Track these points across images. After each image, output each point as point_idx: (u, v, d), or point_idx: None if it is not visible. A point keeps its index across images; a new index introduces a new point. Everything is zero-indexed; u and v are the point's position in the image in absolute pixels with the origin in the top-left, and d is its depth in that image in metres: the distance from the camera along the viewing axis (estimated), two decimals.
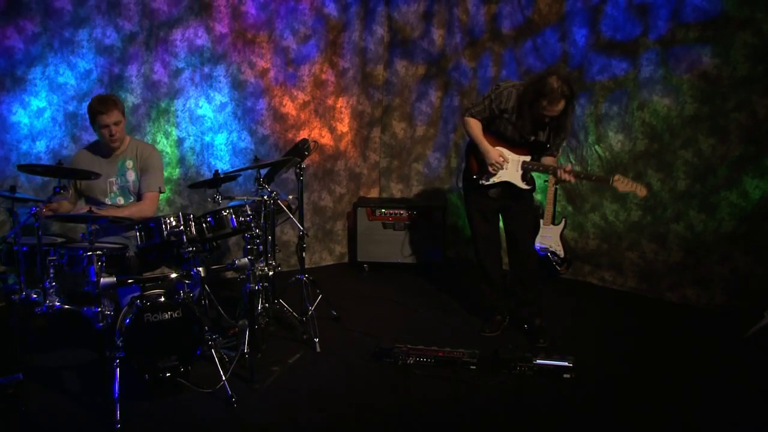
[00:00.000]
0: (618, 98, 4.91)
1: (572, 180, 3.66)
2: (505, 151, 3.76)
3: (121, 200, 3.89)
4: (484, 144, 3.76)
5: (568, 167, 3.65)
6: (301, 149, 4.35)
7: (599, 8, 4.90)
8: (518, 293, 4.01)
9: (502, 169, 3.75)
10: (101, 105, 3.68)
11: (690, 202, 4.62)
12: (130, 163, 3.91)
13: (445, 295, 4.95)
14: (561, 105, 3.47)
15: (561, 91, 3.42)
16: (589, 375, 3.41)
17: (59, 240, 3.54)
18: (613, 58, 4.88)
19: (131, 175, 3.91)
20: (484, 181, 3.83)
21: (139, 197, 3.93)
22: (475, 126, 3.80)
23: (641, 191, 3.60)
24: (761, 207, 4.29)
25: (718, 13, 4.30)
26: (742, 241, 4.39)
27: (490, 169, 3.76)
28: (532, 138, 3.71)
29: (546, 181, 5.19)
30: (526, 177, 3.80)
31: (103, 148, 3.87)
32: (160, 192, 3.98)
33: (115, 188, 3.88)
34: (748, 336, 3.90)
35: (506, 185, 3.82)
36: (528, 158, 3.76)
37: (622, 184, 3.59)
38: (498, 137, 3.78)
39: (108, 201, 3.86)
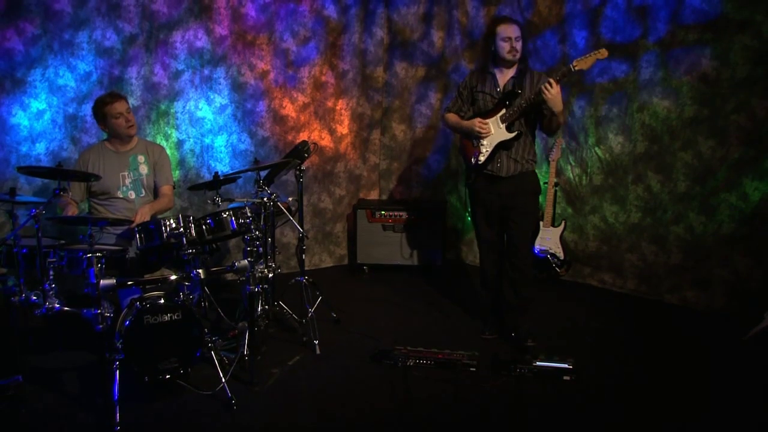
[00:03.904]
0: (618, 100, 4.91)
1: (554, 89, 3.53)
2: (483, 121, 3.84)
3: (132, 194, 3.94)
4: (462, 123, 3.94)
5: (546, 85, 3.56)
6: (300, 151, 4.35)
7: (599, 10, 4.91)
8: (508, 298, 3.99)
9: (486, 133, 3.81)
10: (110, 97, 3.84)
11: (690, 204, 4.63)
12: (141, 158, 4.00)
13: (445, 297, 4.95)
14: (515, 26, 3.70)
15: (508, 17, 3.74)
16: (589, 377, 3.41)
17: (59, 242, 3.54)
18: (612, 60, 4.88)
19: (144, 169, 4.00)
20: (481, 159, 3.85)
21: (154, 191, 4.07)
22: (451, 116, 4.01)
23: (601, 54, 3.55)
24: (761, 209, 4.29)
25: (717, 14, 4.30)
26: (742, 243, 4.40)
27: (477, 134, 3.82)
28: (502, 88, 3.79)
29: (546, 183, 5.19)
30: (510, 128, 3.81)
31: (116, 140, 3.94)
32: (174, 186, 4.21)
33: (127, 182, 3.94)
34: (748, 338, 3.90)
35: (500, 149, 3.83)
36: (503, 111, 3.79)
37: (583, 62, 3.57)
38: (476, 115, 3.90)
39: (120, 194, 3.91)
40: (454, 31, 5.76)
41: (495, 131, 3.81)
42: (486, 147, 3.84)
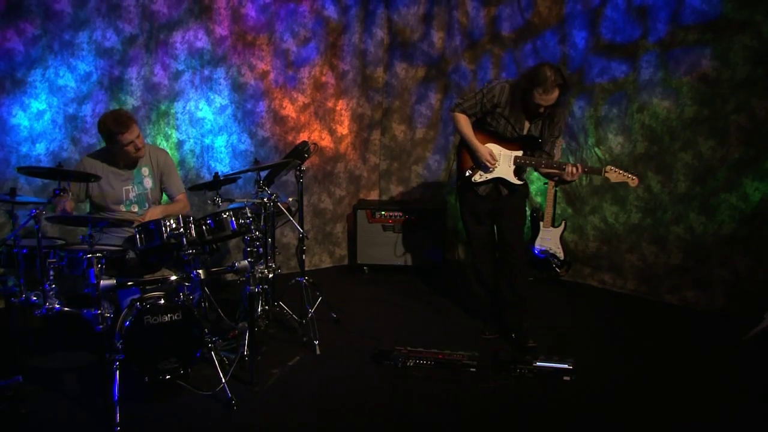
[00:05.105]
0: (618, 100, 4.91)
1: (575, 176, 3.60)
2: (496, 149, 3.75)
3: (135, 208, 3.84)
4: (475, 142, 3.76)
5: (573, 169, 3.58)
6: (301, 151, 4.35)
7: (599, 11, 4.91)
8: (506, 296, 3.97)
9: (493, 167, 3.75)
10: (120, 125, 3.57)
11: (690, 204, 4.63)
12: (146, 170, 3.88)
13: (445, 298, 4.95)
14: (555, 94, 3.46)
15: (554, 79, 3.42)
16: (589, 377, 3.41)
17: (59, 242, 3.54)
18: (612, 60, 4.89)
19: (149, 183, 3.89)
20: (476, 178, 3.81)
21: (158, 203, 3.96)
22: (465, 122, 3.78)
23: (633, 181, 3.61)
24: (761, 209, 4.29)
25: (717, 15, 4.30)
26: (742, 243, 4.40)
27: (481, 168, 3.76)
28: (525, 132, 3.71)
29: (546, 183, 5.20)
30: (518, 172, 3.79)
31: (118, 159, 3.77)
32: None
33: (131, 196, 3.84)
34: (748, 338, 3.90)
35: (498, 181, 3.81)
36: (520, 153, 3.75)
37: (614, 174, 3.61)
38: (489, 134, 3.78)
39: (123, 209, 3.82)
40: (454, 31, 5.76)
41: (503, 167, 3.75)
42: (486, 175, 3.80)
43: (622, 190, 4.98)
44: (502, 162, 3.75)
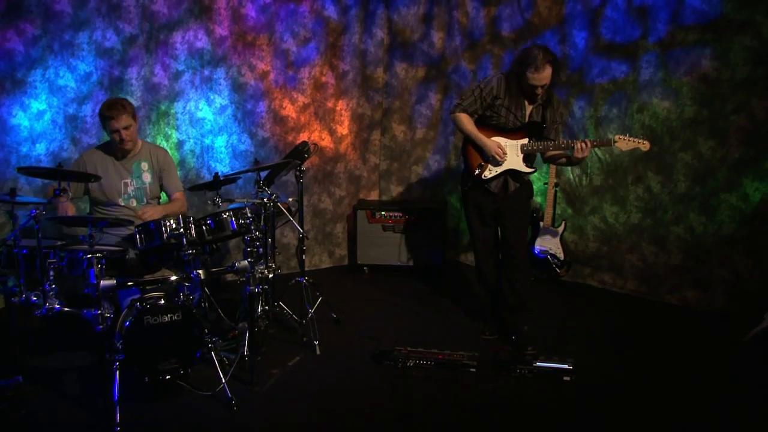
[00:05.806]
0: (618, 101, 4.91)
1: (586, 152, 3.60)
2: (502, 140, 3.75)
3: (134, 202, 3.89)
4: (481, 137, 3.74)
5: (582, 144, 3.60)
6: (301, 152, 4.35)
7: (599, 11, 4.91)
8: (507, 297, 3.97)
9: (503, 160, 3.74)
10: (110, 110, 3.68)
11: (690, 204, 4.63)
12: (145, 165, 3.93)
13: (445, 298, 4.95)
14: (547, 71, 3.49)
15: (543, 57, 3.46)
16: (589, 378, 3.41)
17: (59, 242, 3.53)
18: (612, 60, 4.89)
19: (147, 177, 3.93)
20: (486, 174, 3.80)
21: (156, 199, 4.01)
22: (468, 120, 3.77)
23: (644, 146, 3.62)
24: (761, 209, 4.29)
25: (717, 15, 4.30)
26: (742, 243, 4.40)
27: (491, 161, 3.76)
28: (527, 119, 3.71)
29: (546, 183, 5.20)
30: (527, 160, 3.78)
31: (116, 150, 3.87)
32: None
33: (130, 190, 3.88)
34: (748, 338, 3.90)
35: (507, 173, 3.80)
36: (526, 140, 3.74)
37: (624, 143, 3.63)
38: (492, 128, 3.77)
39: (121, 202, 3.87)
40: (454, 31, 5.77)
41: (511, 158, 3.75)
42: (496, 169, 3.79)
43: (622, 191, 4.98)
44: (510, 152, 3.74)
